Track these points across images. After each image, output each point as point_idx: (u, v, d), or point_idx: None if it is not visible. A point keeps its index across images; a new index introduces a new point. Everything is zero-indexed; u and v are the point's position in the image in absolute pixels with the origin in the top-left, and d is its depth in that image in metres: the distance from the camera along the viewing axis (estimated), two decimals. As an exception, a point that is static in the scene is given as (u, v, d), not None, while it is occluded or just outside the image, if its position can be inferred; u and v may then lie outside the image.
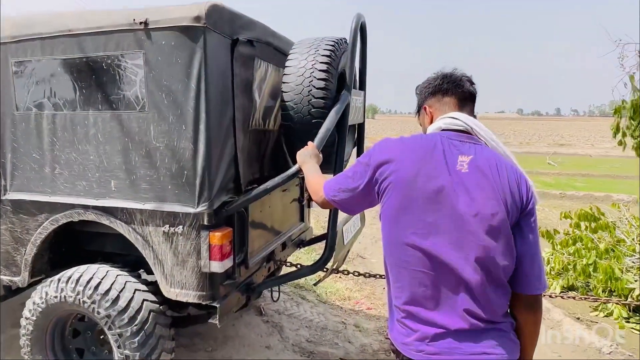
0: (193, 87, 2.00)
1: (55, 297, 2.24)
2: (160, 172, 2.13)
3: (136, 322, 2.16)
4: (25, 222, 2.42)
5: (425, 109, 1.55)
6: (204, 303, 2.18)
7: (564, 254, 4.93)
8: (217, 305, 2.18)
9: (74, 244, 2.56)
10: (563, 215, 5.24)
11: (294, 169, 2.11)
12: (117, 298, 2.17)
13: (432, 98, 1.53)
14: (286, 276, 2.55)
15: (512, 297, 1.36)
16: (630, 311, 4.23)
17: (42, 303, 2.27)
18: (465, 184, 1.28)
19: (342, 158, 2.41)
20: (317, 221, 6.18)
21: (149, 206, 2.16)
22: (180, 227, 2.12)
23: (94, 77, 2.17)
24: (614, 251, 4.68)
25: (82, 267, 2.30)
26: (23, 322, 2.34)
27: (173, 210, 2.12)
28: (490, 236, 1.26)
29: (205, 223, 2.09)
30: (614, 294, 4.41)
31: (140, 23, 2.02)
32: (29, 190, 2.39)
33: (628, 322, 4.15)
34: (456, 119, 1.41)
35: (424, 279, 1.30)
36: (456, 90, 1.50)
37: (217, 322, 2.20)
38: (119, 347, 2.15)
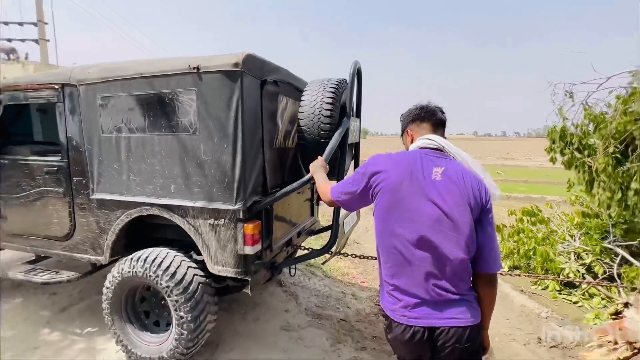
0: (232, 116, 2.00)
1: (129, 272, 2.23)
2: (207, 179, 2.12)
3: (189, 291, 2.14)
4: (107, 215, 2.42)
5: (407, 132, 1.57)
6: (239, 277, 2.17)
7: (509, 241, 4.86)
8: (249, 279, 2.17)
9: (142, 232, 2.55)
10: (510, 212, 5.17)
11: (307, 176, 2.10)
12: (175, 273, 2.16)
13: (412, 124, 1.55)
14: (301, 257, 2.52)
15: (474, 276, 1.34)
16: (562, 285, 4.16)
17: (119, 276, 2.27)
18: (438, 189, 1.28)
19: (343, 168, 2.40)
20: (323, 215, 6.14)
21: (199, 204, 2.15)
22: (222, 220, 2.11)
23: (159, 108, 2.17)
24: (548, 239, 4.62)
25: (149, 250, 2.30)
26: (104, 290, 2.33)
27: (217, 207, 2.11)
28: (457, 229, 1.25)
29: (241, 217, 2.08)
30: (549, 272, 4.34)
31: (194, 68, 2.03)
32: (110, 192, 2.40)
33: (560, 293, 4.08)
34: (431, 139, 1.43)
35: (406, 261, 1.30)
36: (431, 118, 1.52)
37: (249, 291, 2.18)
38: (175, 310, 2.14)
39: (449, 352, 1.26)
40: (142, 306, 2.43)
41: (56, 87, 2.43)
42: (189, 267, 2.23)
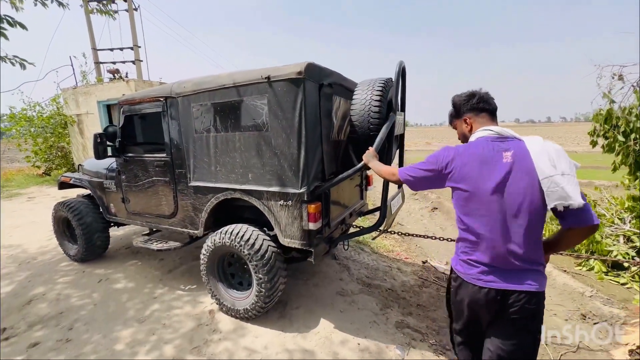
0: (297, 115, 2.17)
1: (219, 242, 2.55)
2: (277, 168, 2.33)
3: (265, 258, 2.40)
4: (201, 198, 2.77)
5: (466, 120, 1.54)
6: (304, 248, 2.37)
7: (552, 224, 4.52)
8: (313, 250, 2.36)
9: (225, 212, 2.87)
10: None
11: (360, 165, 2.21)
12: (254, 243, 2.42)
13: (470, 112, 1.52)
14: (354, 233, 2.65)
15: (572, 233, 1.31)
16: (608, 267, 3.80)
17: (212, 245, 2.60)
18: (510, 170, 1.30)
19: (391, 157, 2.46)
20: (370, 199, 6.21)
21: (271, 189, 2.38)
22: (290, 201, 2.32)
23: (238, 112, 2.42)
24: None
25: (233, 225, 2.58)
26: (201, 256, 2.69)
27: (286, 191, 2.32)
28: (532, 204, 1.27)
29: (305, 199, 2.26)
30: (594, 254, 3.98)
31: (265, 78, 2.22)
32: (202, 180, 2.73)
33: (607, 275, 3.74)
34: (492, 130, 1.42)
35: (484, 236, 1.34)
36: (488, 107, 1.51)
37: (312, 260, 2.38)
38: (256, 272, 2.41)
39: (518, 310, 1.30)
40: (229, 270, 2.76)
41: (161, 99, 2.81)
42: (263, 239, 2.49)
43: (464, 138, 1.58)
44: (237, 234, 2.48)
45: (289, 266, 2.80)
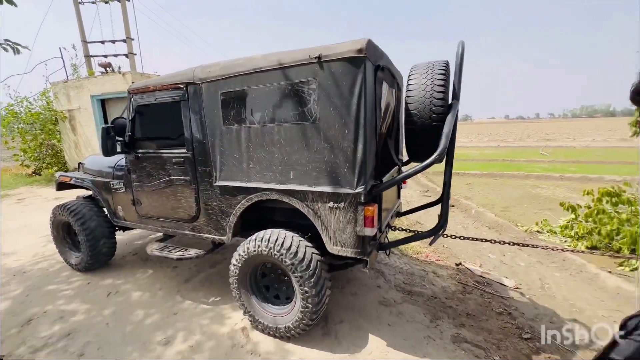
0: (355, 102, 1.83)
1: (254, 250, 2.21)
2: (327, 165, 2.00)
3: (310, 268, 2.07)
4: (229, 200, 2.42)
5: None
6: (358, 257, 2.05)
7: (587, 222, 4.30)
8: (367, 259, 2.04)
9: (253, 214, 2.52)
10: (585, 192, 4.56)
11: (429, 160, 1.89)
12: (297, 252, 2.10)
13: None
14: (410, 238, 2.33)
15: None
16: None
17: (245, 254, 2.26)
18: None
19: (452, 150, 2.15)
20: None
21: (318, 189, 2.05)
22: (342, 203, 1.99)
23: (278, 99, 2.07)
24: (632, 220, 3.99)
25: (268, 231, 2.25)
26: (231, 267, 2.35)
27: (338, 191, 1.99)
28: None
29: (362, 200, 1.94)
30: (635, 252, 3.78)
31: (315, 58, 1.88)
32: (231, 179, 2.38)
33: (652, 275, 3.52)
34: None
35: None
36: None
37: (367, 270, 2.07)
38: (300, 285, 2.08)
39: None
40: (263, 281, 2.42)
41: (181, 86, 2.44)
42: (306, 246, 2.16)
43: None
44: (276, 241, 2.14)
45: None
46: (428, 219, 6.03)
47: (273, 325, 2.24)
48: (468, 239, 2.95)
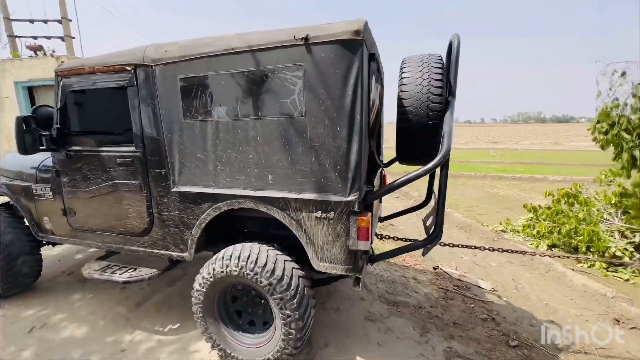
0: (350, 94, 1.55)
1: (222, 271, 1.83)
2: (313, 168, 1.69)
3: (292, 288, 1.75)
4: (192, 209, 2.00)
5: None
6: (350, 275, 1.77)
7: (546, 221, 4.50)
8: (360, 276, 1.77)
9: (220, 225, 2.12)
10: (546, 193, 4.79)
11: (435, 162, 1.67)
12: (274, 269, 1.76)
13: None
14: (403, 249, 2.10)
15: None
16: (607, 263, 3.82)
17: (211, 277, 1.86)
18: None
19: (449, 150, 1.94)
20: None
21: (303, 196, 1.73)
22: (332, 212, 1.70)
23: (254, 88, 1.71)
24: (588, 219, 4.24)
25: (237, 247, 1.88)
26: (194, 293, 1.93)
27: (326, 199, 1.69)
28: None
29: (356, 209, 1.66)
30: (591, 249, 4.01)
31: (301, 39, 1.56)
32: (194, 183, 1.96)
33: (607, 271, 3.75)
34: None
35: None
36: None
37: (359, 289, 1.80)
38: (281, 308, 1.75)
39: None
40: (234, 306, 2.04)
41: (128, 68, 1.95)
42: (285, 261, 1.84)
43: None
44: (248, 258, 1.78)
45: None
46: (401, 222, 5.98)
47: (251, 358, 1.87)
48: (466, 247, 2.82)
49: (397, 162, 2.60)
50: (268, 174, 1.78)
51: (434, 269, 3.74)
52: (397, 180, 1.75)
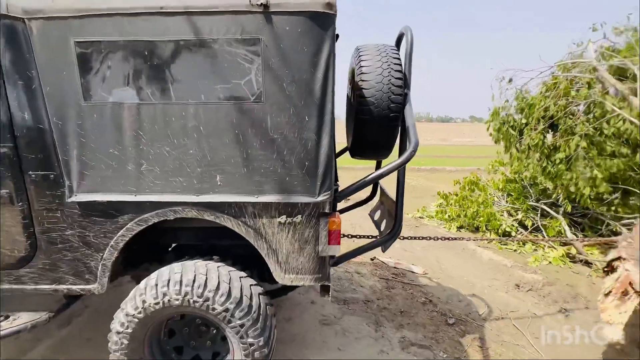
0: (320, 78, 1.33)
1: (157, 303, 1.40)
2: (276, 164, 1.41)
3: (254, 310, 1.46)
4: (102, 225, 1.47)
5: None
6: (319, 284, 1.57)
7: (455, 206, 5.18)
8: (330, 284, 1.59)
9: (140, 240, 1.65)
10: (455, 182, 5.50)
11: (406, 156, 1.58)
12: (230, 291, 1.44)
13: None
14: (365, 247, 1.99)
15: None
16: (500, 237, 4.57)
17: (140, 313, 1.41)
18: None
19: (418, 142, 1.89)
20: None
21: (263, 199, 1.44)
22: (299, 216, 1.46)
23: (195, 64, 1.32)
24: (486, 203, 5.03)
25: (176, 267, 1.48)
26: (114, 338, 1.44)
27: (291, 201, 1.44)
28: None
29: (326, 211, 1.47)
30: (488, 227, 4.78)
31: (260, 5, 1.26)
32: (105, 190, 1.44)
33: (501, 244, 4.51)
34: None
35: None
36: None
37: (329, 298, 1.62)
38: (241, 337, 1.44)
39: None
40: (172, 342, 1.60)
41: (-21, 19, 1.28)
42: (240, 277, 1.53)
43: None
44: (195, 281, 1.41)
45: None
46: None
47: (197, 406, 1.50)
48: (423, 238, 2.90)
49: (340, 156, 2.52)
50: (216, 173, 1.42)
51: (372, 259, 3.85)
52: (369, 175, 1.62)
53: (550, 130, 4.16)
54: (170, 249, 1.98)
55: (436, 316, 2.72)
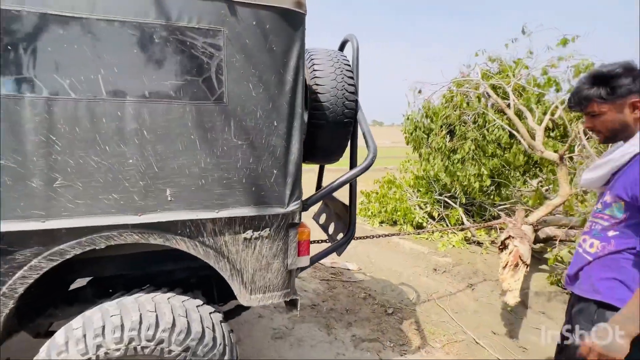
0: (289, 80, 1.24)
1: (117, 348, 1.08)
2: (240, 174, 1.26)
3: (219, 342, 1.27)
4: (-13, 266, 1.04)
5: (636, 103, 1.06)
6: (287, 299, 1.47)
7: (376, 204, 5.67)
8: (298, 298, 1.52)
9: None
10: (375, 181, 5.98)
11: (367, 162, 1.62)
12: (189, 327, 1.21)
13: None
14: (323, 253, 1.93)
15: None
16: (414, 228, 5.21)
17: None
18: None
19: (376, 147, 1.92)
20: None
21: (225, 214, 1.26)
22: (267, 229, 1.34)
23: (137, 52, 1.06)
24: (401, 199, 5.65)
25: (109, 307, 1.18)
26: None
27: (258, 213, 1.31)
28: None
29: (296, 221, 1.38)
30: (405, 220, 5.38)
31: (223, -7, 1.09)
32: (-6, 216, 1.02)
33: (418, 234, 5.13)
34: None
35: None
36: None
37: (298, 313, 1.54)
38: (204, 379, 1.23)
39: None
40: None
41: None
42: (197, 306, 1.32)
43: (620, 130, 1.11)
44: (141, 322, 1.15)
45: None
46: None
47: None
48: (362, 238, 2.98)
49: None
50: (165, 187, 1.18)
51: (309, 262, 3.87)
52: (335, 181, 1.61)
53: (449, 136, 4.96)
54: (85, 284, 1.55)
55: (377, 308, 2.91)
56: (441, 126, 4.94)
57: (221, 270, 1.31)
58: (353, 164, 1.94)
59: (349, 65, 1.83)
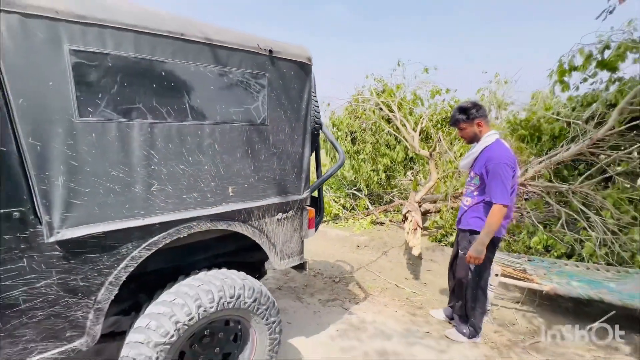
0: (303, 108, 1.85)
1: (212, 307, 1.46)
2: (275, 173, 1.78)
3: (270, 299, 1.76)
4: (95, 262, 1.26)
5: (480, 123, 2.07)
6: (302, 262, 2.05)
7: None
8: (307, 261, 2.11)
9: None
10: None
11: (338, 164, 2.30)
12: (252, 285, 1.67)
13: (484, 119, 2.07)
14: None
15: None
16: (333, 219, 6.23)
17: (191, 319, 1.38)
18: None
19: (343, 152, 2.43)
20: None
21: (265, 202, 1.76)
22: (291, 211, 1.90)
23: (213, 88, 1.48)
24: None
25: (194, 281, 1.53)
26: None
27: (287, 199, 1.85)
28: None
29: (306, 204, 1.99)
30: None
31: (266, 50, 1.62)
32: (105, 219, 1.25)
33: (335, 223, 6.16)
34: (495, 133, 2.10)
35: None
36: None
37: (307, 271, 2.12)
38: (270, 334, 1.70)
39: None
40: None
41: None
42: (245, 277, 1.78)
43: (474, 137, 2.12)
44: (225, 286, 1.56)
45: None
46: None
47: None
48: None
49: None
50: (228, 185, 1.60)
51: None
52: (325, 174, 2.24)
53: (352, 141, 6.20)
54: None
55: (327, 280, 3.67)
56: (346, 133, 6.13)
57: (262, 244, 1.79)
58: (318, 164, 2.61)
59: (315, 92, 2.51)
